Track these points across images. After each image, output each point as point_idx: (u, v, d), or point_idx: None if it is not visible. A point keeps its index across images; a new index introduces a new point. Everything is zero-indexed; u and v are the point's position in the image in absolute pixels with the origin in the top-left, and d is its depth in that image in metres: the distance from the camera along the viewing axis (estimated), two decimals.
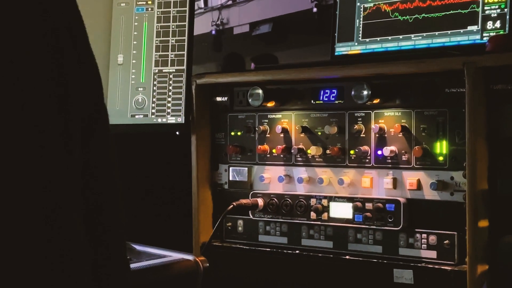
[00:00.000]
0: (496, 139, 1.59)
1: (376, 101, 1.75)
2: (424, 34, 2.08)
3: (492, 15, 1.95)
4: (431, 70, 1.66)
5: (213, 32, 15.60)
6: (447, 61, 1.63)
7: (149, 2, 2.10)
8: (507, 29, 1.93)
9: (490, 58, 1.57)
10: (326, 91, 1.85)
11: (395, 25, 2.14)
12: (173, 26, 2.07)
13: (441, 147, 1.67)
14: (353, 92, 1.76)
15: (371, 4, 2.19)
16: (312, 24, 13.23)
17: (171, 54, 2.06)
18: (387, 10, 2.15)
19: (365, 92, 1.73)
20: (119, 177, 0.83)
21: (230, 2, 15.44)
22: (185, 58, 2.05)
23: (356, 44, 2.21)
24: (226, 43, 15.63)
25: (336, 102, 1.85)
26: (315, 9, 13.02)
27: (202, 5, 15.87)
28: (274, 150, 1.93)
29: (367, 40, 2.19)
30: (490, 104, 1.59)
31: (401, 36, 2.12)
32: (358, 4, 2.22)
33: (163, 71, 2.06)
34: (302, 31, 14.33)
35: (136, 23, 2.10)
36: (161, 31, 2.08)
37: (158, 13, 2.09)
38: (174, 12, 2.07)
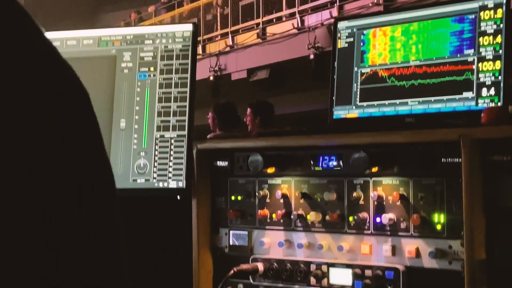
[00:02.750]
0: (493, 209, 1.61)
1: (374, 169, 1.77)
2: (421, 99, 2.11)
3: (487, 83, 1.99)
4: (428, 140, 1.69)
5: (211, 77, 15.78)
6: (443, 133, 1.65)
7: (152, 69, 2.13)
8: (501, 96, 1.96)
9: (486, 131, 1.59)
10: (325, 157, 1.88)
11: (392, 90, 2.17)
12: (174, 92, 2.10)
13: (439, 216, 1.69)
14: (351, 161, 1.78)
15: (368, 70, 2.23)
16: (308, 70, 13.40)
17: (172, 120, 2.08)
18: (384, 76, 2.19)
19: (364, 161, 1.75)
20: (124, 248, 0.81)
21: (228, 49, 15.64)
22: (186, 123, 2.07)
23: (353, 108, 2.24)
24: (224, 88, 15.77)
25: (335, 169, 1.87)
26: (312, 56, 13.21)
27: (201, 51, 16.08)
28: (274, 215, 1.95)
29: (365, 104, 2.22)
30: (487, 174, 1.61)
31: (398, 101, 2.16)
32: (356, 69, 2.25)
33: (165, 136, 2.08)
34: (299, 77, 14.50)
35: (138, 89, 2.13)
36: (163, 97, 2.11)
37: (160, 79, 2.12)
38: (176, 78, 2.11)
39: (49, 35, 2.30)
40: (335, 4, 12.62)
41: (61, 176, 0.64)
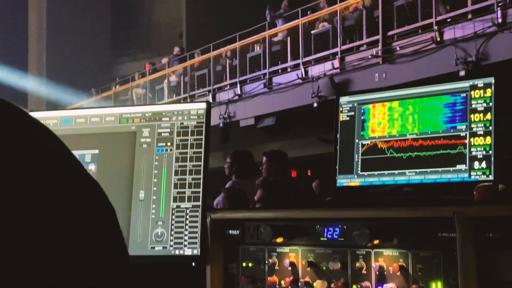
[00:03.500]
0: (488, 282, 1.63)
1: (375, 242, 1.80)
2: (418, 170, 2.15)
3: (478, 156, 2.03)
4: (425, 216, 1.72)
5: (221, 124, 15.87)
6: (438, 210, 1.69)
7: (168, 144, 2.18)
8: (492, 170, 2.00)
9: (478, 210, 1.63)
10: (330, 229, 1.91)
11: (390, 161, 2.21)
12: (190, 166, 2.14)
13: (437, 287, 1.71)
14: (354, 233, 1.81)
15: (368, 141, 2.27)
16: (312, 117, 13.48)
17: (188, 191, 2.12)
18: (383, 147, 2.23)
19: (365, 235, 1.78)
20: None
21: (236, 98, 15.76)
22: (200, 194, 2.11)
23: (355, 177, 2.28)
24: (233, 134, 15.86)
25: (339, 240, 1.90)
26: (315, 104, 13.30)
27: (211, 100, 16.22)
28: (282, 282, 1.97)
29: (366, 173, 2.26)
30: (480, 249, 1.64)
31: (396, 172, 2.19)
32: (357, 140, 2.30)
33: (181, 206, 2.12)
34: (303, 124, 14.57)
35: (156, 163, 2.18)
36: (179, 170, 2.15)
37: (177, 153, 2.17)
38: (191, 153, 2.15)
39: (75, 112, 2.36)
40: (337, 56, 12.74)
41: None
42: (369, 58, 12.01)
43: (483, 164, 2.02)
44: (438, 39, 10.64)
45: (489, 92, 2.04)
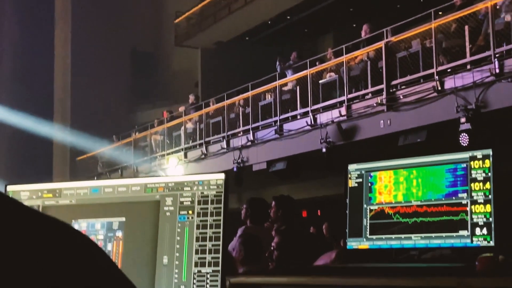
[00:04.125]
0: None
1: None
2: (423, 235, 2.18)
3: (479, 223, 2.06)
4: (431, 285, 1.75)
5: (235, 169, 15.93)
6: (443, 280, 1.72)
7: (190, 212, 2.23)
8: (493, 236, 2.03)
9: (481, 281, 1.66)
10: None
11: (397, 226, 2.25)
12: (210, 233, 2.19)
13: None
14: None
15: (376, 207, 2.31)
16: (321, 162, 13.51)
17: (208, 257, 2.17)
18: (390, 213, 2.27)
19: None
20: None
21: (249, 143, 15.84)
22: (220, 260, 2.15)
23: (364, 240, 2.32)
24: (246, 178, 15.90)
25: None
26: (324, 149, 13.34)
27: (225, 146, 16.31)
28: None
29: (374, 237, 2.30)
30: None
31: (403, 236, 2.23)
32: (365, 206, 2.34)
33: (202, 271, 2.16)
34: (313, 168, 14.60)
35: (179, 230, 2.23)
36: (200, 237, 2.20)
37: (198, 221, 2.22)
38: (211, 220, 2.20)
39: (104, 182, 2.42)
40: (344, 104, 12.83)
41: None
42: (374, 106, 12.07)
43: (484, 231, 2.05)
44: (439, 88, 10.70)
45: (487, 163, 2.08)
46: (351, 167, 2.40)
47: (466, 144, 10.12)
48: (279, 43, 19.64)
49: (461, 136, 10.12)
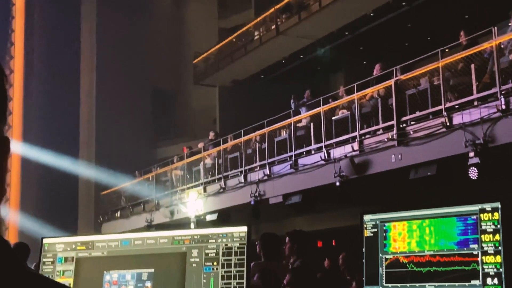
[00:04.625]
0: None
1: None
2: (436, 284, 2.20)
3: (490, 273, 2.08)
4: None
5: (252, 202, 15.93)
6: None
7: (215, 263, 2.27)
8: (504, 286, 2.05)
9: None
10: None
11: (411, 274, 2.27)
12: (234, 283, 2.23)
13: None
14: None
15: (391, 256, 2.34)
16: (335, 195, 13.47)
17: None
18: (404, 262, 2.29)
19: None
20: None
21: (266, 178, 15.86)
22: None
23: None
24: (263, 211, 15.88)
25: None
26: (337, 183, 13.33)
27: (243, 180, 16.34)
28: None
29: (390, 286, 2.32)
30: None
31: (417, 285, 2.25)
32: (380, 255, 2.37)
33: None
34: (327, 201, 14.56)
35: (204, 280, 2.27)
36: (224, 287, 2.23)
37: (222, 272, 2.26)
38: (234, 271, 2.24)
39: (134, 235, 2.48)
40: (356, 140, 12.85)
41: None
42: (386, 141, 12.07)
43: (495, 281, 2.07)
44: (448, 123, 10.70)
45: (496, 215, 2.11)
46: (366, 217, 2.44)
47: (475, 178, 10.08)
48: (293, 80, 19.78)
49: (470, 170, 10.09)
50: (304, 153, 14.67)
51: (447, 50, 11.85)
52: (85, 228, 24.25)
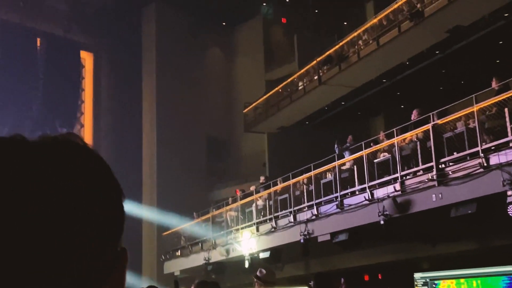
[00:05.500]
0: None
1: None
2: None
3: None
4: None
5: (302, 240, 15.81)
6: None
7: None
8: None
9: None
10: None
11: None
12: None
13: None
14: None
15: None
16: (380, 233, 13.27)
17: None
18: None
19: None
20: None
21: (313, 217, 15.75)
22: None
23: None
24: (312, 248, 15.73)
25: None
26: (382, 222, 13.13)
27: (292, 220, 16.27)
28: None
29: None
30: None
31: None
32: None
33: None
34: (372, 238, 14.34)
35: None
36: None
37: None
38: None
39: None
40: (398, 181, 12.69)
41: None
42: (426, 181, 11.89)
43: None
44: (485, 164, 10.49)
45: None
46: (417, 275, 2.43)
47: None
48: (336, 125, 19.79)
49: (509, 207, 9.82)
50: (349, 193, 14.54)
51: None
52: (149, 266, 24.44)
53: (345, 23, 21.08)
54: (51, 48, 21.37)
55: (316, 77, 19.36)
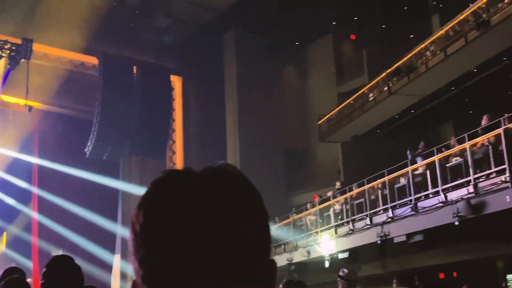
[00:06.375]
0: None
1: None
2: None
3: None
4: None
5: (378, 241, 15.51)
6: None
7: None
8: None
9: None
10: None
11: None
12: None
13: None
14: None
15: None
16: (455, 233, 12.82)
17: None
18: None
19: None
20: None
21: (389, 220, 15.43)
22: None
23: None
24: (389, 248, 15.41)
25: None
26: (456, 223, 12.66)
27: (369, 222, 16.00)
28: None
29: None
30: None
31: None
32: None
33: None
34: (448, 238, 13.85)
35: None
36: None
37: None
38: None
39: None
40: (471, 183, 12.23)
41: None
42: (499, 183, 11.38)
43: None
44: None
45: None
46: (509, 276, 2.34)
47: None
48: (406, 133, 19.33)
49: None
50: (423, 197, 14.14)
51: None
52: None
53: (411, 36, 20.60)
54: (145, 75, 22.23)
55: (386, 88, 19.02)
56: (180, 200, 0.81)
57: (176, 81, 24.56)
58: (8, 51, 18.46)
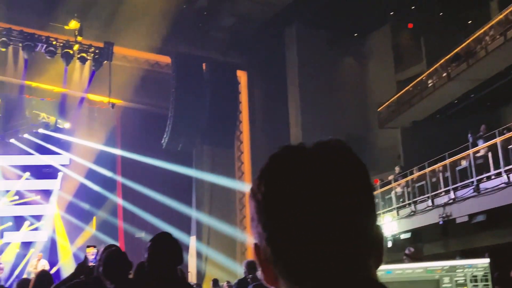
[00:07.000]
0: None
1: None
2: None
3: None
4: None
5: (441, 222, 15.11)
6: None
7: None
8: None
9: None
10: None
11: None
12: None
13: None
14: None
15: None
16: None
17: None
18: None
19: None
20: None
21: (451, 201, 14.99)
22: None
23: None
24: (451, 229, 14.98)
25: None
26: None
27: (430, 204, 15.61)
28: None
29: None
30: None
31: None
32: None
33: None
34: (511, 219, 13.28)
35: None
36: None
37: None
38: None
39: (395, 266, 2.60)
40: None
41: None
42: None
43: None
44: None
45: None
46: None
47: None
48: (466, 117, 18.63)
49: None
50: (485, 178, 13.64)
51: None
52: None
53: (469, 22, 19.75)
54: (213, 71, 22.55)
55: (445, 74, 18.38)
56: (296, 171, 0.87)
57: (242, 76, 24.76)
58: (92, 54, 19.31)
